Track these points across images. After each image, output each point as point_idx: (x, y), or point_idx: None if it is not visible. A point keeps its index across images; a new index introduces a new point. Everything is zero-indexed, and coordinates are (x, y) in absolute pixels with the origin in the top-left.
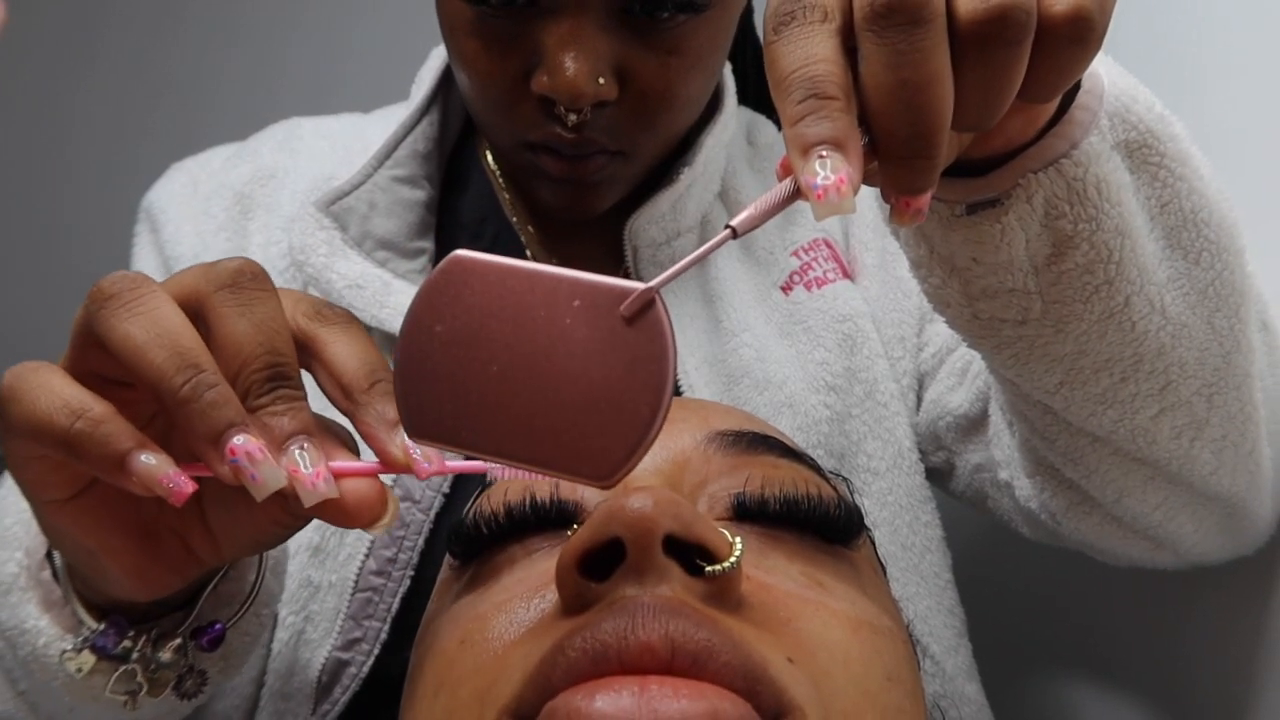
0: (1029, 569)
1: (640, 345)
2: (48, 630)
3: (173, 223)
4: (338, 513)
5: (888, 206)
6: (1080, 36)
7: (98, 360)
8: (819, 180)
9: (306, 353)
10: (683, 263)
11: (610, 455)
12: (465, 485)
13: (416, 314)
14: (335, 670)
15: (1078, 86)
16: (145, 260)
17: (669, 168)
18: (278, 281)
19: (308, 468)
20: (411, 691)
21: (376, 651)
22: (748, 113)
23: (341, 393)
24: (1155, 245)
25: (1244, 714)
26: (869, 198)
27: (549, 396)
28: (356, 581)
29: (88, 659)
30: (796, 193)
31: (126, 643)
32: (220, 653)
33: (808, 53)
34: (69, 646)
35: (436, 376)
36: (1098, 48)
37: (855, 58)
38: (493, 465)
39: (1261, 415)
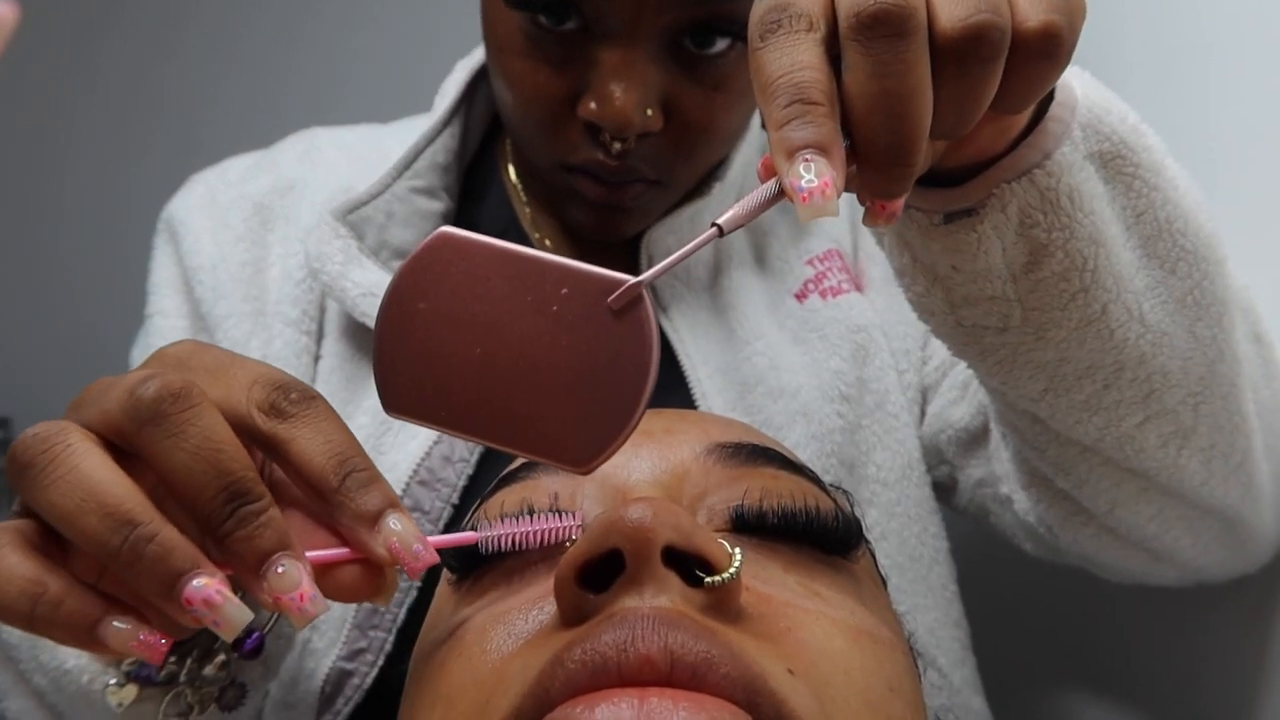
0: (1032, 583)
1: (625, 338)
2: (89, 667)
3: (192, 234)
4: (334, 598)
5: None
6: (1050, 51)
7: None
8: (803, 183)
9: (270, 452)
10: (671, 259)
11: (589, 443)
12: (474, 496)
13: (400, 289)
14: (339, 680)
15: (1051, 99)
16: (164, 271)
17: (700, 183)
18: (294, 293)
19: (291, 589)
20: (409, 705)
21: (381, 662)
22: (764, 135)
23: (313, 493)
24: (1131, 254)
25: None
26: None
27: (532, 381)
28: None
29: (130, 691)
30: (780, 194)
31: (171, 667)
32: (260, 659)
33: (793, 60)
34: (112, 681)
35: (417, 353)
36: (1067, 62)
37: (838, 67)
38: (484, 535)
39: (1253, 426)
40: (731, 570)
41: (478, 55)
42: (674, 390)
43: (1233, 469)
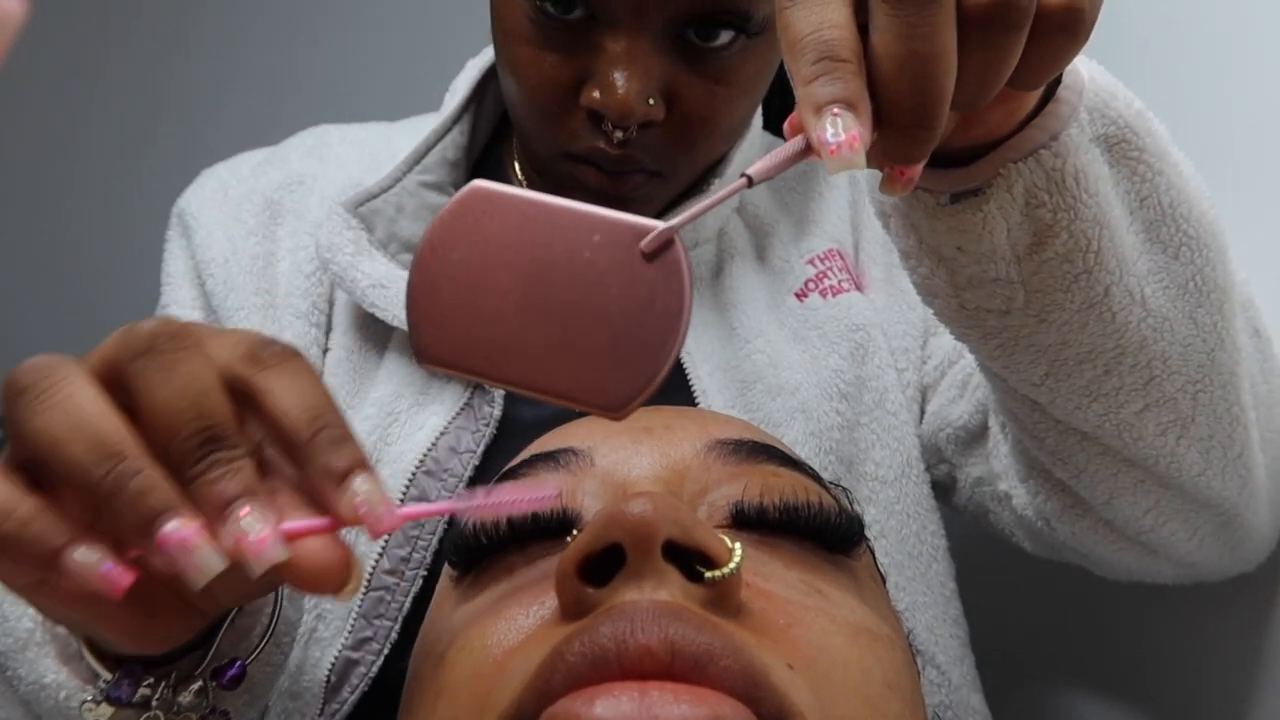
0: (1030, 581)
1: (659, 281)
2: (67, 684)
3: (204, 228)
4: (296, 578)
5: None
6: (1071, 27)
7: (30, 450)
8: (830, 137)
9: (247, 403)
10: (700, 206)
11: (623, 388)
12: (481, 485)
13: (433, 241)
14: (344, 670)
15: (1059, 81)
16: (177, 264)
17: (699, 179)
18: (304, 286)
19: (253, 534)
20: (410, 698)
21: (386, 651)
22: (768, 137)
23: (285, 445)
24: (1135, 238)
25: None
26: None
27: (565, 328)
28: (369, 580)
29: (105, 710)
30: (807, 149)
31: (145, 690)
32: (243, 688)
33: (821, 18)
34: (89, 698)
35: (451, 304)
36: (1086, 39)
37: (863, 30)
38: (457, 506)
39: (1251, 418)
40: (732, 565)
41: (488, 54)
42: (674, 387)
43: (1230, 460)
